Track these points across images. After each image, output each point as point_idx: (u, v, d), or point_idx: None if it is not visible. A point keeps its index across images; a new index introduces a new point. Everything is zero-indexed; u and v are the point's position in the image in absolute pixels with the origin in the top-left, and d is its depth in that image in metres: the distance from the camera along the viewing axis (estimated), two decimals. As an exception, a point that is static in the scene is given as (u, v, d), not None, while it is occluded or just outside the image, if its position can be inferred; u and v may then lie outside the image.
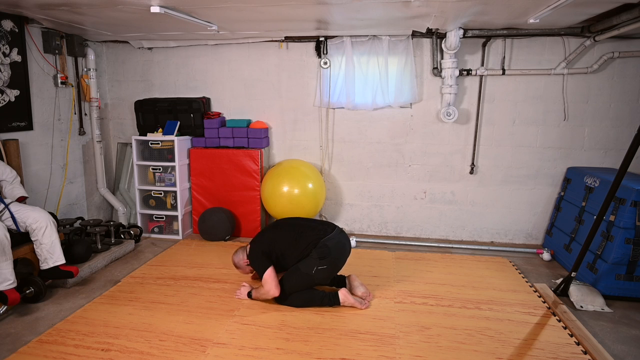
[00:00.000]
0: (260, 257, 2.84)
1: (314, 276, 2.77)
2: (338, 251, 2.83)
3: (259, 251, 2.86)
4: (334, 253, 2.80)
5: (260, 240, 2.92)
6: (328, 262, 2.78)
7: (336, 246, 2.82)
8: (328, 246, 2.78)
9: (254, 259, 2.89)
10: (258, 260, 2.84)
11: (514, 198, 4.20)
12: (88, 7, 3.05)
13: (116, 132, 4.80)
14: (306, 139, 4.45)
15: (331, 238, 2.83)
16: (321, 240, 2.80)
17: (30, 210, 2.94)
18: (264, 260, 2.81)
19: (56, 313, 2.78)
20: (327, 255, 2.77)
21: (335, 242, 2.83)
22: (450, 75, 3.89)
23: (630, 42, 3.74)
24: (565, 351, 2.38)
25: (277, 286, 2.76)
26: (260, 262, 2.82)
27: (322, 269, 2.76)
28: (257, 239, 2.97)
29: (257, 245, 2.91)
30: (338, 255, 2.84)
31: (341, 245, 2.87)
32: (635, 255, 2.95)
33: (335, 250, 2.81)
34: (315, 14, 3.27)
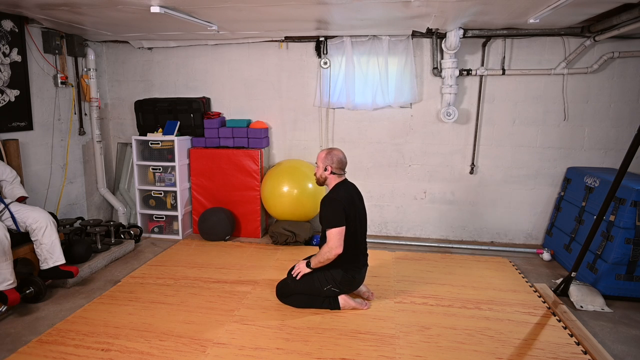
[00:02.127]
0: (340, 210, 2.60)
1: (323, 292, 2.77)
2: (356, 284, 2.85)
3: (341, 205, 2.62)
4: (353, 285, 2.82)
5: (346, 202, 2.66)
6: (342, 289, 2.78)
7: (358, 280, 2.83)
8: (355, 278, 2.78)
9: (332, 206, 2.63)
10: (336, 211, 2.60)
11: (514, 198, 4.20)
12: (88, 7, 3.05)
13: (116, 132, 4.80)
14: (306, 139, 4.45)
15: (361, 273, 2.82)
16: (353, 271, 2.75)
17: (30, 210, 2.94)
18: (341, 216, 2.59)
19: (56, 313, 2.77)
20: (347, 285, 2.77)
21: (360, 277, 2.83)
22: (450, 75, 3.89)
23: (630, 42, 3.74)
24: (565, 351, 2.38)
25: (342, 245, 2.58)
26: (336, 214, 2.60)
27: (334, 290, 2.76)
28: (344, 195, 2.70)
29: (343, 200, 2.65)
30: (353, 287, 2.85)
31: (361, 280, 2.87)
32: (635, 255, 2.95)
33: (354, 283, 2.82)
34: (315, 14, 3.27)
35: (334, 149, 2.81)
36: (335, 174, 2.77)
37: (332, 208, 2.63)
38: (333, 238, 2.58)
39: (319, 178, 2.83)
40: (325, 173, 2.77)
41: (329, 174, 2.77)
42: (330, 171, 2.76)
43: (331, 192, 2.75)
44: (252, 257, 3.76)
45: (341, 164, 2.78)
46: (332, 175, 2.77)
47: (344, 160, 2.80)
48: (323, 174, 2.78)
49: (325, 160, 2.76)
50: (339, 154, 2.78)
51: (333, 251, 2.59)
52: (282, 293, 2.87)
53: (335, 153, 2.77)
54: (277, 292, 2.91)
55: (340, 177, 2.80)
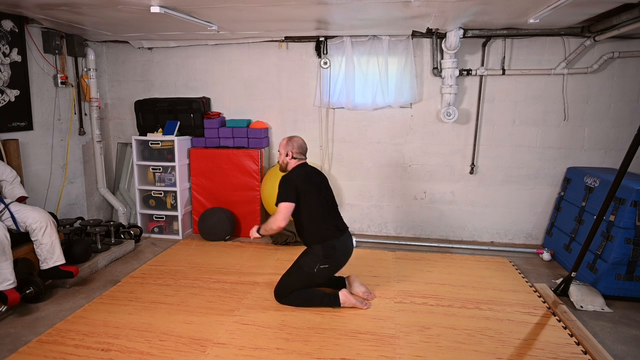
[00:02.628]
0: (291, 187, 2.75)
1: (316, 275, 2.78)
2: (342, 253, 2.85)
3: (294, 183, 2.77)
4: (339, 255, 2.82)
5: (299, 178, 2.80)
6: (330, 262, 2.79)
7: (342, 248, 2.84)
8: (335, 247, 2.79)
9: (285, 183, 2.78)
10: (287, 188, 2.75)
11: (514, 198, 4.20)
12: (88, 7, 3.05)
13: (116, 132, 4.80)
14: (306, 139, 4.38)
15: (340, 240, 2.84)
16: (331, 240, 2.79)
17: (30, 210, 2.94)
18: (291, 193, 2.73)
19: (56, 313, 2.77)
20: (331, 255, 2.78)
21: (342, 245, 2.84)
22: (450, 75, 3.89)
23: (630, 42, 3.74)
24: (565, 351, 2.38)
25: (286, 220, 2.72)
26: (287, 191, 2.74)
27: (324, 267, 2.77)
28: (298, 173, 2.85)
29: (296, 178, 2.80)
30: (341, 257, 2.86)
31: (346, 248, 2.88)
32: (635, 255, 2.95)
33: (340, 252, 2.82)
34: (315, 14, 3.27)
35: (294, 136, 2.99)
36: (295, 158, 2.92)
37: (285, 185, 2.78)
38: (280, 211, 2.72)
39: (281, 164, 2.98)
40: (287, 158, 2.93)
41: (290, 159, 2.92)
42: (291, 156, 2.92)
43: (288, 172, 2.91)
44: (252, 257, 3.76)
45: (301, 149, 2.94)
46: (292, 160, 2.92)
47: (303, 146, 2.97)
48: (285, 159, 2.94)
49: (287, 147, 2.92)
50: (299, 140, 2.96)
51: (277, 223, 2.73)
52: (280, 293, 2.88)
53: (295, 140, 2.95)
54: (275, 293, 2.91)
55: (299, 161, 2.94)
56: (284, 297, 2.86)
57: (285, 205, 2.72)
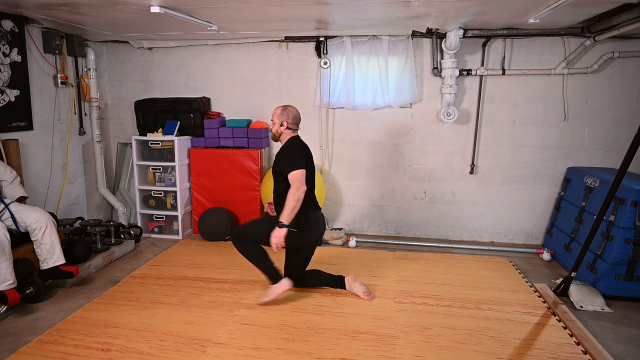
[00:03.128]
0: (298, 155, 2.74)
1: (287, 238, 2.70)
2: (314, 226, 2.83)
3: (299, 151, 2.77)
4: (310, 225, 2.80)
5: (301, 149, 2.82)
6: (300, 230, 2.73)
7: (315, 220, 2.83)
8: (309, 216, 2.79)
9: (291, 151, 2.76)
10: (295, 156, 2.72)
11: (514, 198, 4.20)
12: (88, 7, 3.05)
13: (116, 132, 4.80)
14: (306, 139, 4.36)
15: (316, 213, 2.88)
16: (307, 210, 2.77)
17: (30, 210, 2.94)
18: (301, 160, 2.71)
19: (56, 313, 2.78)
20: (304, 224, 2.75)
21: (315, 217, 2.85)
22: (450, 75, 3.89)
23: (630, 42, 3.74)
24: (565, 351, 2.38)
25: (304, 186, 2.67)
26: (295, 158, 2.71)
27: (291, 232, 2.68)
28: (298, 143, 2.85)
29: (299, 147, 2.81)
30: (312, 229, 2.82)
31: (318, 222, 2.87)
32: (635, 255, 2.95)
33: (312, 223, 2.81)
34: (315, 14, 3.27)
35: (288, 105, 2.92)
36: (290, 129, 2.87)
37: (292, 153, 2.75)
38: (297, 178, 2.65)
39: (275, 133, 2.91)
40: (281, 128, 2.86)
41: (284, 129, 2.86)
42: (286, 126, 2.85)
43: (288, 142, 2.86)
44: (252, 257, 3.76)
45: (296, 120, 2.90)
46: (287, 130, 2.86)
47: (298, 116, 2.92)
48: (279, 129, 2.87)
49: (281, 116, 2.85)
50: (294, 110, 2.90)
51: (301, 189, 2.64)
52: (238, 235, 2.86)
53: (290, 109, 2.88)
54: (234, 233, 2.88)
55: (294, 132, 2.90)
56: (241, 241, 2.85)
57: (300, 172, 2.66)
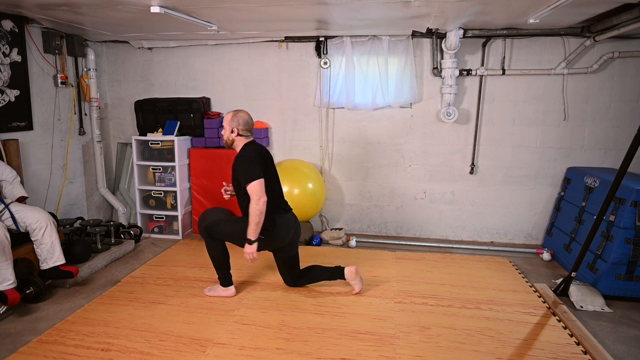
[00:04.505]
0: (255, 163, 2.65)
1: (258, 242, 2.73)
2: (282, 230, 2.80)
3: (254, 159, 2.68)
4: (278, 230, 2.78)
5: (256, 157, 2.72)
6: (267, 235, 2.73)
7: (283, 225, 2.80)
8: (276, 221, 2.76)
9: (246, 161, 2.67)
10: (251, 165, 2.64)
11: (514, 198, 4.20)
12: (88, 7, 3.05)
13: (116, 132, 4.80)
14: (306, 139, 4.45)
15: (284, 217, 2.83)
16: (273, 215, 2.75)
17: (31, 210, 2.94)
18: (258, 169, 2.64)
19: (56, 313, 2.77)
20: (270, 228, 2.74)
21: (284, 221, 2.81)
22: (450, 75, 3.89)
23: (630, 42, 3.74)
24: (565, 351, 2.38)
25: (265, 194, 2.62)
26: (252, 168, 2.63)
27: (259, 238, 2.70)
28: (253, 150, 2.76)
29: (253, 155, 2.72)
30: (280, 233, 2.80)
31: (287, 226, 2.84)
32: (635, 255, 2.95)
33: (279, 228, 2.78)
34: (315, 14, 3.27)
35: (240, 110, 2.83)
36: (242, 135, 2.78)
37: (247, 163, 2.67)
38: (255, 190, 2.60)
39: (226, 140, 2.84)
40: (232, 135, 2.79)
41: (235, 135, 2.78)
42: (237, 133, 2.77)
43: (241, 151, 2.77)
44: (252, 257, 3.76)
45: (247, 126, 2.80)
46: (239, 137, 2.78)
47: (250, 122, 2.82)
48: (230, 136, 2.80)
49: (232, 123, 2.77)
50: (245, 116, 2.80)
51: (260, 201, 2.60)
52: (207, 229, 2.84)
53: (241, 115, 2.79)
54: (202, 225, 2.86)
55: (247, 139, 2.82)
56: (212, 238, 2.84)
57: (257, 183, 2.61)
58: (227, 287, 2.99)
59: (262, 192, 2.62)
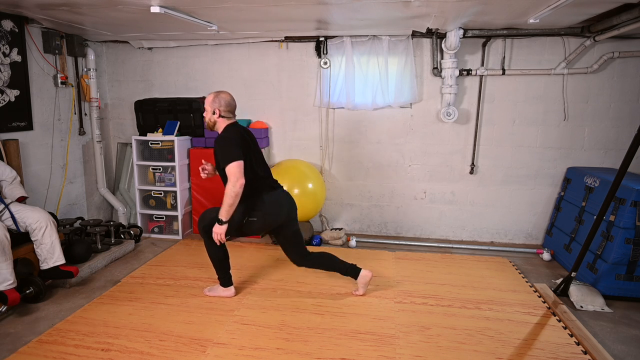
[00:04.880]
0: (235, 145, 2.59)
1: (245, 226, 2.73)
2: (273, 206, 2.76)
3: (235, 141, 2.61)
4: (268, 207, 2.73)
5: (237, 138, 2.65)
6: (259, 215, 2.71)
7: (272, 202, 2.75)
8: (264, 200, 2.72)
9: (226, 143, 2.61)
10: (231, 147, 2.58)
11: (514, 198, 4.20)
12: (88, 7, 3.05)
13: (116, 132, 4.80)
14: (306, 139, 4.45)
15: (272, 194, 2.77)
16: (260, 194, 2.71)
17: (30, 210, 2.94)
18: (238, 151, 2.57)
19: (56, 313, 2.78)
20: (260, 208, 2.71)
21: (273, 198, 2.76)
22: (450, 75, 3.89)
23: (630, 42, 3.74)
24: (565, 351, 2.38)
25: (243, 177, 2.56)
26: (231, 149, 2.57)
27: (252, 220, 2.70)
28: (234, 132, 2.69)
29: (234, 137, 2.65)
30: (272, 210, 2.75)
31: (279, 202, 2.79)
32: (635, 255, 2.95)
33: (269, 205, 2.74)
34: (315, 14, 3.27)
35: (221, 91, 2.78)
36: (223, 117, 2.72)
37: (226, 145, 2.61)
38: (234, 172, 2.54)
39: (208, 122, 2.78)
40: (214, 117, 2.73)
41: (217, 117, 2.72)
42: (219, 114, 2.71)
43: (222, 132, 2.72)
44: (252, 257, 3.76)
45: (229, 107, 2.74)
46: (220, 119, 2.73)
47: (232, 103, 2.76)
48: (212, 117, 2.74)
49: (213, 104, 2.71)
50: (227, 97, 2.74)
51: (238, 183, 2.54)
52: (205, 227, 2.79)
53: (222, 96, 2.73)
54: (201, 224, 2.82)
55: (229, 120, 2.76)
56: (206, 232, 2.80)
57: (236, 165, 2.55)
58: (227, 287, 2.99)
59: (240, 174, 2.56)
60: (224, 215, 2.60)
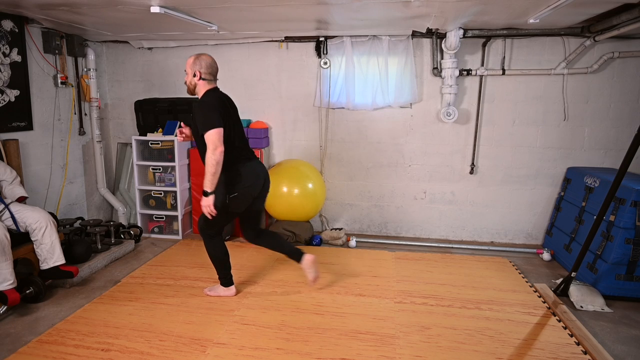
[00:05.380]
0: (215, 111, 2.53)
1: (230, 205, 2.68)
2: (250, 178, 2.72)
3: (215, 107, 2.55)
4: (245, 180, 2.69)
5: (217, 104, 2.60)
6: (239, 189, 2.67)
7: (249, 173, 2.71)
8: (240, 172, 2.67)
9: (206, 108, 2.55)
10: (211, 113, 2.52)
11: (514, 198, 4.20)
12: (88, 7, 3.05)
13: (116, 132, 4.80)
14: (306, 139, 4.45)
15: (247, 165, 2.73)
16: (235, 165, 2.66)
17: (30, 210, 2.94)
18: (218, 117, 2.52)
19: (56, 313, 2.78)
20: (237, 182, 2.66)
21: (249, 170, 2.72)
22: (450, 75, 3.89)
23: (630, 42, 3.74)
24: (565, 351, 2.38)
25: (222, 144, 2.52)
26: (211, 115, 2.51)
27: (234, 196, 2.66)
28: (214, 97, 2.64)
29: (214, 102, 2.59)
30: (249, 182, 2.72)
31: (255, 172, 2.75)
32: (635, 255, 2.95)
33: (247, 177, 2.69)
34: (315, 14, 3.27)
35: (202, 54, 2.72)
36: (204, 79, 2.66)
37: (206, 111, 2.55)
38: (212, 139, 2.49)
39: (188, 85, 2.72)
40: (194, 79, 2.66)
41: (197, 79, 2.66)
42: (200, 77, 2.64)
43: (203, 97, 2.66)
44: (252, 257, 3.76)
45: (210, 69, 2.67)
46: (201, 82, 2.66)
47: (213, 65, 2.69)
48: (192, 80, 2.68)
49: (194, 66, 2.64)
50: (208, 59, 2.67)
51: (217, 151, 2.50)
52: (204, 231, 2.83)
53: (203, 57, 2.66)
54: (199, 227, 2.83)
55: (210, 84, 2.70)
56: (210, 237, 2.82)
57: (215, 132, 2.49)
58: (228, 287, 2.99)
59: (219, 141, 2.51)
60: (208, 186, 2.55)
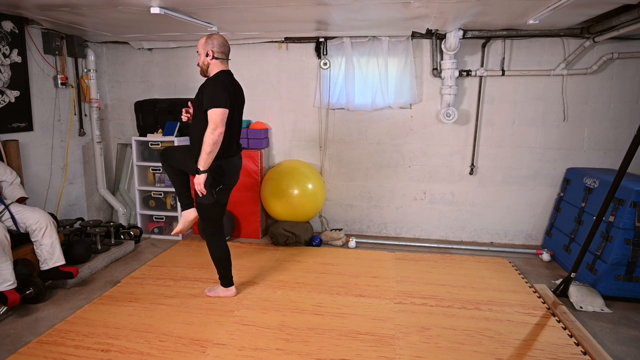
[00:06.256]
0: (225, 92, 2.49)
1: (218, 197, 2.72)
2: (231, 172, 2.74)
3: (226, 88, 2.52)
4: (227, 174, 2.71)
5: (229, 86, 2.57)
6: (224, 182, 2.71)
7: (229, 167, 2.72)
8: (223, 168, 2.66)
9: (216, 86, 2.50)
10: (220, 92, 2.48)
11: (514, 199, 4.20)
12: (88, 8, 3.05)
13: (116, 133, 4.81)
14: (306, 139, 4.45)
15: (230, 160, 2.71)
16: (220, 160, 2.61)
17: (30, 211, 2.94)
18: (226, 98, 2.48)
19: (56, 314, 2.78)
20: (222, 175, 2.67)
21: (230, 164, 2.72)
22: (450, 76, 3.89)
23: (630, 43, 3.74)
24: (565, 352, 2.38)
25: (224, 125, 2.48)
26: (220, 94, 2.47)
27: (220, 189, 2.69)
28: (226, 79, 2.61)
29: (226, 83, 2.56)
30: (231, 175, 2.75)
31: (234, 167, 2.77)
32: (634, 256, 2.95)
33: (228, 171, 2.71)
34: (315, 15, 3.27)
35: (214, 33, 2.65)
36: (217, 58, 2.61)
37: (217, 89, 2.49)
38: (215, 118, 2.44)
39: (202, 66, 2.68)
40: (207, 59, 2.62)
41: (210, 59, 2.61)
42: (212, 56, 2.60)
43: (215, 76, 2.61)
44: (252, 257, 3.76)
45: (223, 47, 2.63)
46: (214, 61, 2.61)
47: (225, 44, 2.65)
48: (205, 60, 2.63)
49: (206, 46, 2.61)
50: (220, 38, 2.63)
51: (216, 131, 2.44)
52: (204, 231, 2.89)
53: (215, 37, 2.63)
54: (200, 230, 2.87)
55: (223, 64, 2.65)
56: (213, 235, 2.86)
57: (220, 111, 2.44)
58: (228, 288, 2.99)
59: (221, 122, 2.46)
60: (202, 164, 2.50)
